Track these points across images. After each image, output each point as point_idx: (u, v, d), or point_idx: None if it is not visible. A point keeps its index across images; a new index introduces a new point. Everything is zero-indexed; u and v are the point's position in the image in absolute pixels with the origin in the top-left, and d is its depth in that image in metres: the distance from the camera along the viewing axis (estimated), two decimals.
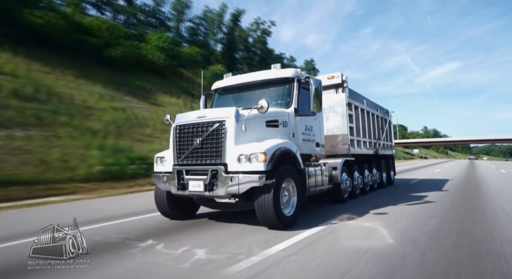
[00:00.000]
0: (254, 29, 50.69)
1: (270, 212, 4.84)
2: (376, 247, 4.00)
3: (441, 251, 3.85)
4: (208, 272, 3.28)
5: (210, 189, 5.04)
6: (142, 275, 3.27)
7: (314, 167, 6.51)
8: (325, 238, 4.50)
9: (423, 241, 4.29)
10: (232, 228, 5.27)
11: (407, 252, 3.78)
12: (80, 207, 8.19)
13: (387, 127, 12.69)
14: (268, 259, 3.59)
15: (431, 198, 8.31)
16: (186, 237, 4.72)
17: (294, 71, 6.41)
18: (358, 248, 3.95)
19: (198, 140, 5.27)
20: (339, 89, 8.95)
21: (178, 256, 3.84)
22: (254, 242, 4.34)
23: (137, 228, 5.41)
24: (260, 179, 4.73)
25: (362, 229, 5.05)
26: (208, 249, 4.03)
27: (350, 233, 4.84)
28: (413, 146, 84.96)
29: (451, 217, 5.96)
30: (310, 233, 4.74)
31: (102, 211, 7.34)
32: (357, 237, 4.57)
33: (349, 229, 5.07)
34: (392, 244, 4.15)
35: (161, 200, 5.98)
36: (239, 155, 4.95)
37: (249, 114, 5.23)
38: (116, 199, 9.77)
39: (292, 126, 6.07)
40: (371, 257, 3.63)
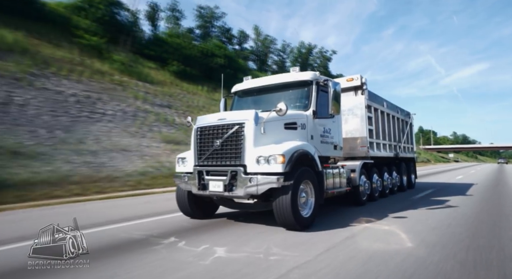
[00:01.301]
0: (318, 56, 64.82)
1: (287, 213, 4.93)
2: (394, 250, 4.01)
3: (460, 256, 3.81)
4: (227, 269, 3.41)
5: (229, 189, 5.19)
6: (166, 269, 3.45)
7: (332, 169, 6.54)
8: (345, 241, 4.53)
9: (442, 245, 4.25)
10: (250, 228, 5.39)
11: (425, 256, 3.77)
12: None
13: (408, 130, 12.45)
14: (286, 259, 3.68)
15: (453, 203, 8.11)
16: (206, 236, 4.88)
17: (312, 74, 6.47)
18: (377, 252, 3.97)
19: (218, 141, 5.43)
20: (359, 91, 8.90)
21: (199, 253, 4.00)
22: (272, 242, 4.44)
23: (160, 227, 5.63)
24: (278, 181, 4.83)
25: (382, 233, 5.04)
26: (228, 248, 4.17)
27: (370, 236, 4.84)
28: (445, 151, 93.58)
29: (475, 222, 5.82)
30: (329, 236, 4.78)
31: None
32: (377, 240, 4.57)
33: (368, 232, 5.07)
34: (411, 248, 4.13)
35: (183, 199, 6.19)
36: (258, 157, 5.07)
37: (268, 116, 5.35)
38: None
39: (310, 129, 6.13)
40: (390, 259, 3.65)
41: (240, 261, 3.65)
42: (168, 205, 7.44)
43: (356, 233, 5.00)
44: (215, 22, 44.05)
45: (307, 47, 61.80)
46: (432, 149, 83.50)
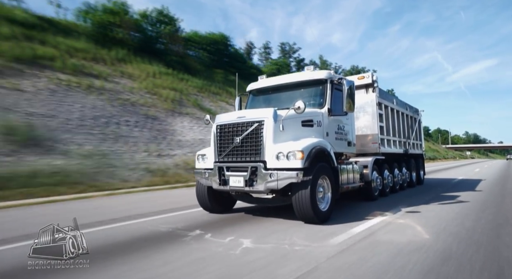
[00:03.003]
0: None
1: (307, 207, 5.14)
2: (414, 240, 4.20)
3: (477, 244, 4.01)
4: (259, 258, 3.62)
5: (250, 184, 5.40)
6: (201, 259, 3.67)
7: (346, 165, 6.73)
8: (364, 233, 4.72)
9: (460, 236, 4.44)
10: (269, 222, 5.60)
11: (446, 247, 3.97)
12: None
13: (416, 126, 12.58)
14: (312, 250, 3.89)
15: (464, 198, 8.27)
16: (229, 229, 5.11)
17: (327, 73, 6.65)
18: (399, 243, 4.17)
19: (238, 139, 5.64)
20: (369, 89, 9.05)
21: (227, 244, 4.22)
22: (294, 234, 4.65)
23: (184, 220, 5.87)
24: (297, 176, 5.04)
25: (398, 226, 5.23)
26: (253, 239, 4.39)
27: (387, 229, 5.03)
28: (461, 149, 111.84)
29: (485, 216, 6.00)
30: (348, 228, 4.98)
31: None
32: (395, 233, 4.76)
33: (385, 225, 5.26)
34: (430, 240, 4.33)
35: (203, 194, 6.42)
36: (277, 153, 5.27)
37: (286, 114, 5.54)
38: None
39: (325, 126, 6.32)
40: (413, 251, 3.85)
41: (268, 251, 3.86)
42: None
43: (374, 226, 5.19)
44: (293, 54, 57.34)
45: (358, 69, 68.71)
46: (450, 147, 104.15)
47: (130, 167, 13.31)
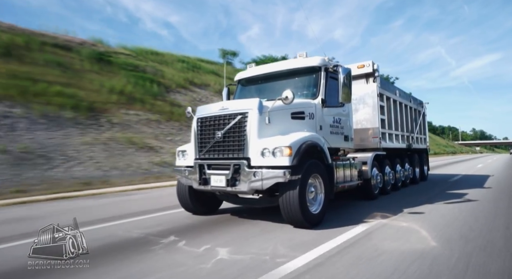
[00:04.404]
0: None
1: (295, 209, 4.55)
2: (417, 251, 3.60)
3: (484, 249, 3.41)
4: (230, 274, 3.05)
5: (232, 184, 4.82)
6: (163, 274, 3.11)
7: (342, 161, 6.12)
8: (360, 240, 4.14)
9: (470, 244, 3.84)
10: (255, 226, 5.03)
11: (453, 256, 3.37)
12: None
13: (420, 120, 11.91)
14: (295, 261, 3.31)
15: (472, 196, 7.64)
16: (208, 234, 4.54)
17: (321, 59, 6.01)
18: (398, 252, 3.58)
19: (219, 133, 5.05)
20: (370, 78, 8.39)
21: (200, 254, 3.66)
22: (279, 241, 4.07)
23: (161, 224, 5.31)
24: (285, 175, 4.45)
25: (400, 230, 4.64)
26: (231, 249, 3.82)
27: (387, 234, 4.44)
28: (470, 145, 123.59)
29: (495, 213, 5.40)
30: (341, 234, 4.39)
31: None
32: (396, 239, 4.17)
33: (385, 230, 4.67)
34: (437, 248, 3.73)
35: (183, 195, 5.85)
36: (262, 149, 4.68)
37: (273, 105, 4.93)
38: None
39: (319, 118, 5.70)
40: (414, 263, 3.25)
41: (244, 264, 3.29)
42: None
43: (372, 230, 4.59)
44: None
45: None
46: (461, 144, 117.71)
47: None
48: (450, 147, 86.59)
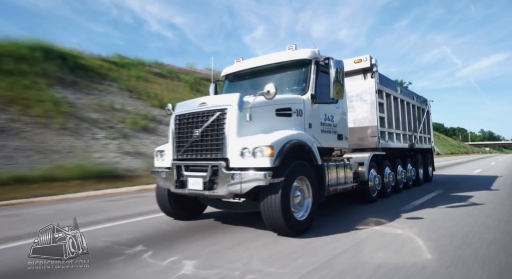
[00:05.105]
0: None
1: (277, 216, 4.10)
2: (408, 265, 3.13)
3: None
4: None
5: (209, 187, 4.38)
6: None
7: (335, 162, 5.65)
8: (347, 252, 3.66)
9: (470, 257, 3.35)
10: (236, 233, 4.58)
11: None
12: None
13: (424, 118, 11.33)
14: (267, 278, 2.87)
15: (477, 199, 7.09)
16: (180, 244, 4.11)
17: (311, 52, 5.54)
18: (387, 267, 3.10)
19: (197, 131, 4.62)
20: (368, 74, 7.88)
21: (163, 268, 3.23)
22: (256, 253, 3.62)
23: (134, 230, 4.90)
24: (265, 177, 3.99)
25: (393, 239, 4.15)
26: (199, 262, 3.38)
27: (378, 243, 3.96)
28: (479, 146, 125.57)
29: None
30: (328, 244, 3.92)
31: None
32: (387, 250, 3.69)
33: (377, 238, 4.18)
34: (432, 261, 3.24)
35: (163, 198, 5.43)
36: (242, 149, 4.23)
37: (254, 101, 4.49)
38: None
39: (308, 115, 5.24)
40: None
41: None
42: None
43: (363, 239, 4.12)
44: None
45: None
46: (471, 144, 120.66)
47: None
48: (463, 147, 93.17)
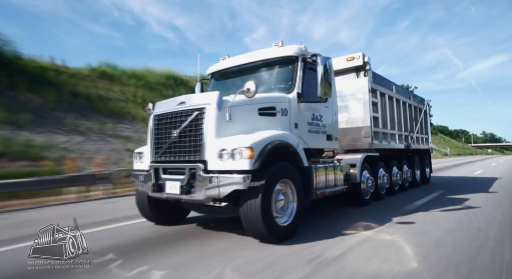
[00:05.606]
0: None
1: (257, 221, 3.84)
2: (393, 273, 2.87)
3: None
4: None
5: (187, 191, 4.13)
6: None
7: (324, 164, 5.39)
8: (329, 261, 3.40)
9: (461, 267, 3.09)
10: (217, 240, 4.33)
11: None
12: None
13: (422, 118, 11.05)
14: None
15: (474, 202, 6.82)
16: (153, 252, 3.85)
17: (297, 48, 5.28)
18: (369, 276, 2.85)
19: (175, 132, 4.37)
20: (361, 72, 7.64)
21: None
22: (231, 264, 3.35)
23: (110, 236, 4.65)
24: (244, 181, 3.74)
25: (381, 246, 3.89)
26: (168, 273, 3.13)
27: (364, 252, 3.70)
28: (481, 147, 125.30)
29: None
30: (311, 252, 3.66)
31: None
32: (372, 258, 3.43)
33: (364, 246, 3.92)
34: (417, 270, 2.98)
35: (143, 202, 5.17)
36: (220, 150, 3.98)
37: (234, 99, 4.24)
38: None
39: (294, 115, 4.98)
40: None
41: None
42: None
43: (349, 247, 3.85)
44: None
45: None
46: (473, 146, 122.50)
47: None
48: (467, 149, 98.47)
